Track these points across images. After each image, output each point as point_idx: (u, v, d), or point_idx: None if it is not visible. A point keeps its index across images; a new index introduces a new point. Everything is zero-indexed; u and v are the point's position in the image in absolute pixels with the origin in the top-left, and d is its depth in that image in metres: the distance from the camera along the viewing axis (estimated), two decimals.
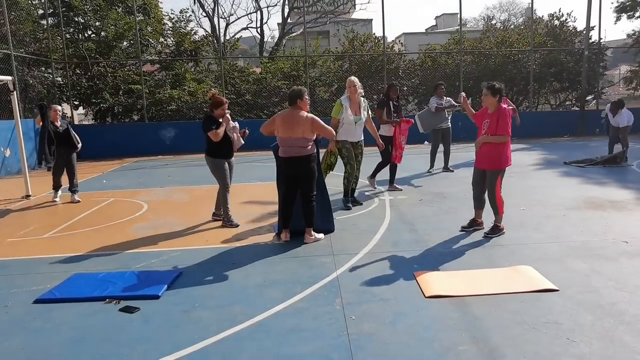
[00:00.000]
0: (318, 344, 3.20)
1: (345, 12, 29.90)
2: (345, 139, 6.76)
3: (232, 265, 4.80)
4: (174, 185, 9.85)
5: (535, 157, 12.11)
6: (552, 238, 5.31)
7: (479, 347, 3.07)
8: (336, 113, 6.74)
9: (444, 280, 4.17)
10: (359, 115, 6.79)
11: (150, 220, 6.84)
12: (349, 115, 6.68)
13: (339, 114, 6.71)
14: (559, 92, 20.64)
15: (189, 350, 3.17)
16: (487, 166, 5.41)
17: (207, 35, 20.98)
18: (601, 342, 3.07)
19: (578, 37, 19.93)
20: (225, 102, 6.44)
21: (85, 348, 3.26)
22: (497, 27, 24.09)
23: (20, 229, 6.62)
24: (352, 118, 6.71)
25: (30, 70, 15.61)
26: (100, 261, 5.11)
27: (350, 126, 6.74)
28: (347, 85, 6.80)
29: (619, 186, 7.98)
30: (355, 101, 6.78)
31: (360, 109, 6.82)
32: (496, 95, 5.29)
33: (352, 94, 6.74)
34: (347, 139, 6.78)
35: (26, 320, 3.72)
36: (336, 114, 6.74)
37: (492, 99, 5.30)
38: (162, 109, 17.30)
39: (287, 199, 5.49)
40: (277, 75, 18.44)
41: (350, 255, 4.96)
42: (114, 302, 3.95)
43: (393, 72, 18.63)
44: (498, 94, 5.29)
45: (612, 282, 4.02)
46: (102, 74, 17.28)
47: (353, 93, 6.73)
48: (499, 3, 62.27)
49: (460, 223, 5.83)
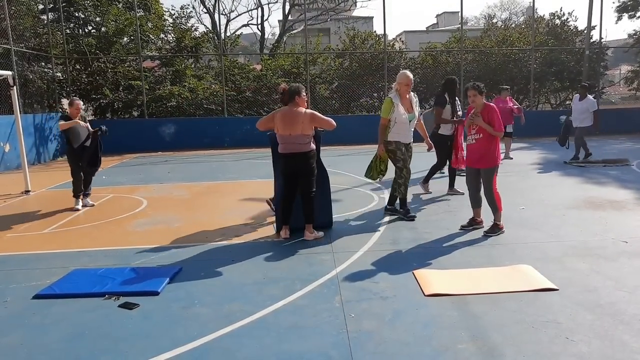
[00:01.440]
0: (317, 341, 3.20)
1: (346, 9, 29.89)
2: (399, 140, 6.01)
3: (231, 262, 4.80)
4: (174, 181, 9.84)
5: (535, 156, 12.11)
6: (552, 237, 5.31)
7: (478, 346, 3.07)
8: (386, 112, 5.96)
9: (443, 278, 4.17)
10: (412, 113, 6.07)
11: (149, 217, 6.84)
12: (401, 114, 5.94)
13: (389, 113, 5.95)
14: (560, 91, 20.65)
15: (188, 346, 3.17)
16: (481, 165, 5.43)
17: (208, 32, 20.99)
18: (600, 342, 3.07)
19: (579, 37, 19.93)
20: None
21: (85, 344, 3.25)
22: (498, 26, 24.10)
23: (20, 224, 6.61)
24: (406, 116, 5.98)
25: (30, 65, 15.57)
26: (99, 257, 5.10)
27: (404, 125, 5.99)
28: (400, 81, 6.00)
29: (619, 186, 7.98)
30: (406, 97, 6.07)
31: (412, 105, 6.11)
32: (482, 94, 5.45)
33: (404, 92, 6.03)
34: (401, 140, 6.01)
35: (25, 315, 3.71)
36: (386, 113, 5.96)
37: (479, 98, 5.43)
38: (162, 105, 17.30)
39: (287, 196, 5.48)
40: (278, 72, 18.43)
41: (350, 252, 4.96)
42: (114, 298, 3.94)
43: (394, 70, 18.58)
44: (484, 93, 5.48)
45: (611, 281, 4.02)
46: (102, 69, 17.26)
47: (406, 91, 6.03)
48: (500, 2, 62.17)
49: (460, 222, 5.83)
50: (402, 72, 6.13)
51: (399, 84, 6.02)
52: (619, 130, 16.83)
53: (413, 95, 6.18)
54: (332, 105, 18.63)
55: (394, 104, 5.95)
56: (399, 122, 5.95)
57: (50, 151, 14.80)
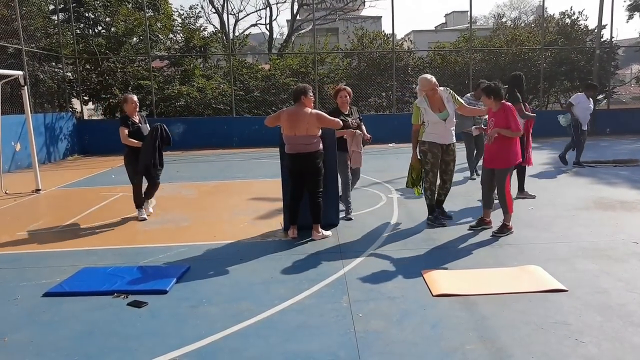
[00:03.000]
0: (325, 341, 3.20)
1: (355, 9, 29.83)
2: (433, 141, 5.71)
3: (239, 261, 4.81)
4: (182, 181, 9.88)
5: (545, 156, 12.02)
6: (561, 238, 5.28)
7: (486, 347, 3.06)
8: (416, 119, 5.76)
9: (451, 279, 4.16)
10: (444, 111, 5.72)
11: (158, 216, 6.87)
12: (432, 115, 5.67)
13: (419, 119, 5.74)
14: (570, 91, 20.43)
15: (196, 345, 3.18)
16: (496, 165, 5.41)
17: (216, 32, 21.03)
18: (610, 343, 3.05)
19: (589, 36, 19.74)
20: (342, 88, 6.37)
21: (94, 341, 3.28)
22: (508, 25, 23.92)
23: (30, 222, 6.67)
24: (438, 116, 5.69)
25: (40, 65, 15.70)
26: (108, 255, 5.14)
27: (438, 125, 5.68)
28: (423, 89, 5.74)
29: (630, 186, 7.91)
30: (435, 97, 5.74)
31: (444, 102, 5.75)
32: (490, 96, 5.38)
33: (431, 97, 5.75)
34: (436, 140, 5.71)
35: (35, 313, 3.75)
36: (416, 119, 5.76)
37: (487, 100, 5.41)
38: (170, 104, 17.37)
39: (294, 195, 5.49)
40: (286, 72, 18.44)
41: (358, 252, 4.96)
42: (122, 297, 3.97)
43: (402, 69, 18.56)
44: (492, 95, 5.37)
45: (621, 283, 3.99)
46: (111, 69, 17.35)
47: (433, 95, 5.74)
48: (510, 1, 61.84)
49: (468, 222, 5.80)
50: (422, 77, 5.82)
51: (423, 91, 5.76)
52: (630, 130, 16.67)
53: (444, 90, 5.82)
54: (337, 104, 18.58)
55: (422, 109, 5.71)
56: (432, 122, 5.69)
57: (61, 150, 14.92)
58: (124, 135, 6.34)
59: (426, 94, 5.75)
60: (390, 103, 18.07)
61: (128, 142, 6.38)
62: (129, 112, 6.49)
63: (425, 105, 5.70)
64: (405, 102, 18.36)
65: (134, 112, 6.50)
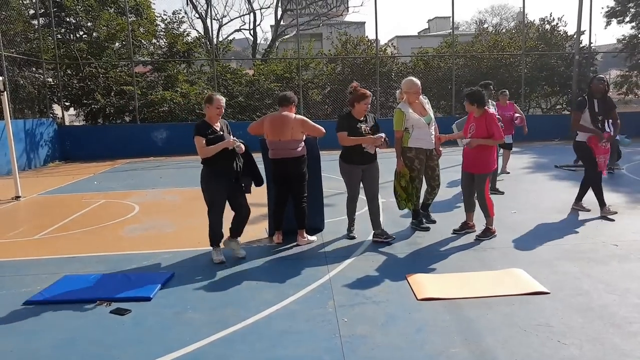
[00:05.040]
0: (310, 346, 3.19)
1: (338, 14, 29.96)
2: (420, 147, 5.58)
3: (224, 267, 4.79)
4: (166, 186, 9.81)
5: (527, 160, 12.19)
6: (543, 241, 5.34)
7: (471, 350, 3.08)
8: (399, 124, 5.57)
9: (436, 282, 4.18)
10: (427, 115, 5.67)
11: (141, 222, 6.80)
12: (417, 119, 5.55)
13: (402, 125, 5.56)
14: (550, 96, 20.80)
15: (180, 352, 3.15)
16: (476, 170, 5.47)
17: (200, 37, 20.94)
18: (591, 345, 3.09)
19: (569, 42, 20.12)
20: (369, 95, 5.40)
21: (76, 350, 3.23)
22: (489, 31, 24.27)
23: (10, 230, 6.56)
24: (423, 119, 5.59)
25: (21, 70, 15.50)
26: (91, 263, 5.07)
27: (423, 129, 5.57)
28: (408, 91, 5.61)
29: (610, 190, 8.02)
30: (415, 102, 5.67)
31: (424, 107, 5.72)
32: (473, 104, 5.43)
33: (413, 99, 5.63)
34: (422, 146, 5.58)
35: (16, 322, 3.68)
36: (399, 125, 5.57)
37: (469, 106, 5.47)
38: (154, 110, 17.24)
39: (279, 201, 5.48)
40: (270, 77, 18.45)
41: (343, 257, 4.97)
42: (105, 304, 3.92)
43: (386, 75, 18.69)
44: (476, 102, 5.42)
45: (602, 284, 4.05)
46: (93, 74, 17.18)
47: (414, 101, 5.64)
48: (491, 7, 62.79)
49: (452, 226, 5.85)
50: (407, 80, 5.71)
51: (407, 94, 5.64)
52: None
53: (422, 97, 5.78)
54: (325, 110, 18.66)
55: (405, 113, 5.57)
56: (417, 126, 5.55)
57: (42, 157, 14.71)
58: (201, 146, 4.78)
59: (408, 98, 5.66)
60: (374, 108, 18.16)
61: (208, 152, 4.78)
62: (209, 117, 4.88)
63: (408, 109, 5.61)
64: (389, 107, 18.48)
65: (217, 119, 4.91)
